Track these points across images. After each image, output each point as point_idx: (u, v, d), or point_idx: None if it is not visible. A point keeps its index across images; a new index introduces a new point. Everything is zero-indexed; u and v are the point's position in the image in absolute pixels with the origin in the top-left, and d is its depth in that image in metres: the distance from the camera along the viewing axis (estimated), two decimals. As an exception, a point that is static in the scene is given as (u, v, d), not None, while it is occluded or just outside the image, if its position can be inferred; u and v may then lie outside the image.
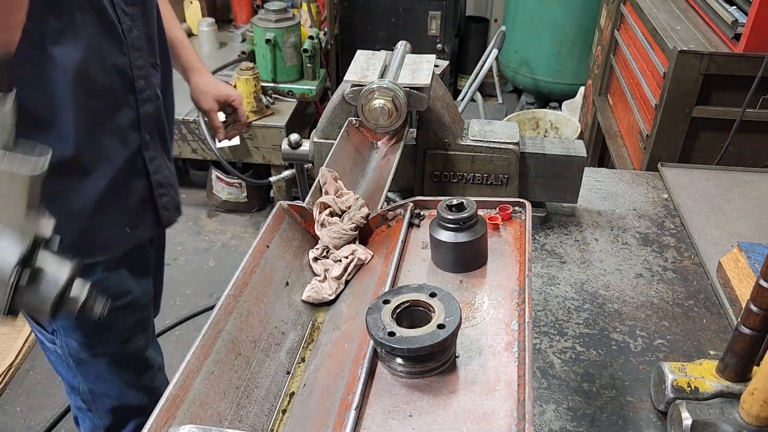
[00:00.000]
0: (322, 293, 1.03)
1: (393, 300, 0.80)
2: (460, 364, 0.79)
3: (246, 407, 0.82)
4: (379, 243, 1.10)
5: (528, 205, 1.03)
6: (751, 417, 0.94)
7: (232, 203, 3.77)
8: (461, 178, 1.53)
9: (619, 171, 2.03)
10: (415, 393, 0.75)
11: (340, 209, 1.12)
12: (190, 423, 0.69)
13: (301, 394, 0.87)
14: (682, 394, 1.05)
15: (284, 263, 1.05)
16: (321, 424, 0.76)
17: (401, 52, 1.56)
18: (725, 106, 2.17)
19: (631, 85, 2.73)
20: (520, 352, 0.78)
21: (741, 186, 1.83)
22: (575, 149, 1.56)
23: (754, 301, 0.96)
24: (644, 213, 1.73)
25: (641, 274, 1.49)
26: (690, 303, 1.40)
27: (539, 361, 1.24)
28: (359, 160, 1.43)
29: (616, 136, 2.90)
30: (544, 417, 1.13)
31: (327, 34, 3.95)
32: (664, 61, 2.22)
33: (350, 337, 0.89)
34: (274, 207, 1.10)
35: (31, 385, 2.73)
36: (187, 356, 0.78)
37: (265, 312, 0.94)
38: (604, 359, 1.25)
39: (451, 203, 0.95)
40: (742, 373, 1.03)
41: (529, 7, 4.42)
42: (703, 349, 1.27)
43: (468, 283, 0.94)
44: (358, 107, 1.39)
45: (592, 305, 1.39)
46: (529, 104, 4.76)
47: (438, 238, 0.95)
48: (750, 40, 2.05)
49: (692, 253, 1.56)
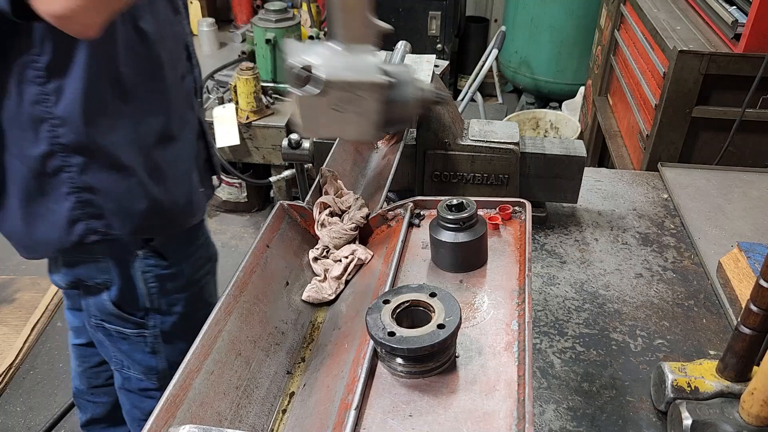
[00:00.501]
0: (322, 293, 1.03)
1: (393, 300, 0.80)
2: (460, 364, 0.79)
3: (246, 407, 0.82)
4: (379, 243, 1.10)
5: (528, 205, 1.04)
6: (751, 417, 0.94)
7: (232, 203, 3.77)
8: (461, 178, 1.53)
9: (619, 171, 2.03)
10: (415, 393, 0.75)
11: (340, 209, 1.12)
12: (190, 423, 0.69)
13: (301, 394, 0.87)
14: (682, 394, 1.05)
15: (284, 263, 1.05)
16: (321, 424, 0.76)
17: (401, 52, 1.55)
18: (725, 106, 2.17)
19: (631, 85, 2.73)
20: (520, 352, 0.79)
21: (741, 186, 1.83)
22: (575, 149, 1.56)
23: (754, 301, 0.96)
24: (644, 213, 1.73)
25: (641, 274, 1.49)
26: (690, 303, 1.40)
27: (539, 361, 1.24)
28: (359, 160, 1.43)
29: (616, 136, 2.90)
30: (544, 417, 1.13)
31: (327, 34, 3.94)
32: (664, 61, 2.22)
33: (350, 337, 0.89)
34: (274, 207, 1.10)
35: (31, 385, 2.73)
36: (187, 356, 0.78)
37: (265, 312, 0.94)
38: (604, 359, 1.25)
39: (451, 203, 0.95)
40: (742, 373, 1.03)
41: (529, 8, 4.42)
42: (703, 349, 1.27)
43: (468, 283, 0.94)
44: (358, 107, 1.38)
45: (592, 305, 1.39)
46: (529, 104, 4.76)
47: (438, 238, 0.95)
48: (750, 40, 2.05)
49: (692, 253, 1.56)
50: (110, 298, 1.38)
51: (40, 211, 1.23)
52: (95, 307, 1.42)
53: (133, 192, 1.25)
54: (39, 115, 1.12)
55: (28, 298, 3.15)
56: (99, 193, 1.22)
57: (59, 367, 2.82)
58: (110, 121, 1.19)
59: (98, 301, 1.40)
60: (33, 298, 3.15)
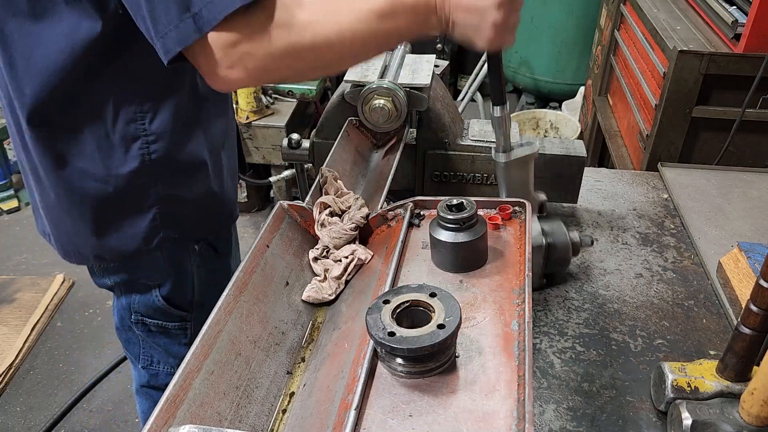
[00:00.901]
0: (322, 293, 1.03)
1: (393, 300, 0.80)
2: (460, 364, 0.79)
3: (246, 407, 0.82)
4: (379, 243, 1.10)
5: (528, 205, 1.03)
6: (751, 417, 0.94)
7: (232, 203, 3.76)
8: (461, 178, 1.53)
9: (619, 171, 2.03)
10: (415, 393, 0.75)
11: (340, 209, 1.12)
12: (190, 423, 0.69)
13: (301, 394, 0.87)
14: (682, 394, 1.05)
15: (284, 263, 1.05)
16: (321, 424, 0.76)
17: (401, 52, 1.56)
18: (725, 106, 2.17)
19: (631, 85, 2.73)
20: (520, 352, 0.78)
21: (741, 186, 1.83)
22: (575, 149, 1.56)
23: (754, 301, 0.96)
24: (644, 213, 1.73)
25: (641, 274, 1.49)
26: (690, 303, 1.40)
27: (539, 361, 1.24)
28: (359, 160, 1.43)
29: (616, 136, 2.90)
30: (544, 417, 1.13)
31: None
32: (664, 61, 2.22)
33: (350, 337, 0.89)
34: (274, 207, 1.10)
35: (31, 385, 2.73)
36: (187, 356, 0.78)
37: (265, 312, 0.94)
38: (604, 359, 1.25)
39: (451, 203, 0.95)
40: (742, 373, 1.03)
41: (529, 7, 4.42)
42: (703, 349, 1.27)
43: (468, 283, 0.94)
44: (358, 107, 1.39)
45: (592, 305, 1.39)
46: (529, 104, 4.76)
47: (438, 238, 0.95)
48: (750, 40, 2.05)
49: (692, 253, 1.56)
50: (161, 293, 1.39)
51: (116, 225, 1.23)
52: (140, 303, 1.41)
53: (205, 197, 1.29)
54: (133, 134, 1.13)
55: (28, 298, 3.15)
56: (179, 202, 1.25)
57: (59, 367, 2.82)
58: (190, 129, 1.21)
59: (146, 297, 1.40)
60: (33, 298, 3.15)
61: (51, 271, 3.36)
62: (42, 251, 3.55)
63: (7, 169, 3.96)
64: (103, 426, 2.56)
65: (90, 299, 3.21)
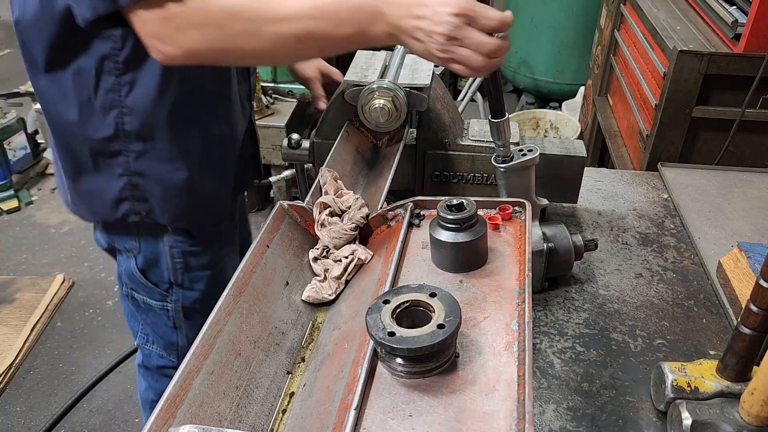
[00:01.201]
0: (322, 293, 1.03)
1: (393, 300, 0.80)
2: (460, 364, 0.79)
3: (246, 407, 0.82)
4: (379, 243, 1.10)
5: (528, 205, 1.03)
6: (751, 417, 0.94)
7: (232, 203, 3.76)
8: (461, 178, 1.53)
9: (619, 171, 2.03)
10: (415, 393, 0.75)
11: (340, 209, 1.12)
12: (190, 423, 0.69)
13: (301, 394, 0.87)
14: (682, 394, 1.05)
15: (284, 263, 1.05)
16: (321, 424, 0.76)
17: (401, 52, 1.55)
18: (725, 106, 2.17)
19: (631, 85, 2.73)
20: (520, 352, 0.78)
21: (741, 186, 1.83)
22: (575, 149, 1.56)
23: (754, 301, 0.96)
24: (644, 213, 1.73)
25: (641, 274, 1.49)
26: (690, 303, 1.40)
27: (539, 361, 1.24)
28: (359, 160, 1.43)
29: (616, 136, 2.90)
30: (544, 417, 1.13)
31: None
32: (664, 61, 2.22)
33: (350, 337, 0.89)
34: (274, 207, 1.10)
35: (31, 385, 2.73)
36: (187, 356, 0.78)
37: (265, 312, 0.94)
38: (604, 359, 1.25)
39: (451, 203, 0.95)
40: (742, 373, 1.03)
41: (529, 8, 4.42)
42: (703, 349, 1.27)
43: (468, 283, 0.94)
44: (358, 107, 1.39)
45: (592, 305, 1.39)
46: (529, 104, 4.76)
47: (438, 238, 0.95)
48: (750, 40, 2.05)
49: (692, 253, 1.56)
50: (137, 265, 1.47)
51: (90, 187, 1.35)
52: (125, 273, 1.50)
53: (182, 186, 1.35)
54: (111, 103, 1.24)
55: (28, 298, 3.15)
56: (148, 180, 1.33)
57: (59, 367, 2.82)
58: (176, 119, 1.29)
59: (128, 267, 1.48)
60: (33, 298, 3.15)
61: (51, 271, 3.36)
62: (42, 251, 3.55)
63: (7, 169, 3.95)
64: (103, 426, 2.56)
65: (90, 299, 3.21)
